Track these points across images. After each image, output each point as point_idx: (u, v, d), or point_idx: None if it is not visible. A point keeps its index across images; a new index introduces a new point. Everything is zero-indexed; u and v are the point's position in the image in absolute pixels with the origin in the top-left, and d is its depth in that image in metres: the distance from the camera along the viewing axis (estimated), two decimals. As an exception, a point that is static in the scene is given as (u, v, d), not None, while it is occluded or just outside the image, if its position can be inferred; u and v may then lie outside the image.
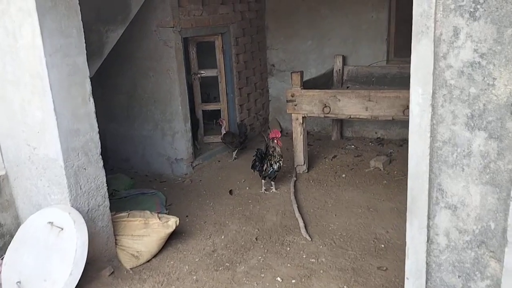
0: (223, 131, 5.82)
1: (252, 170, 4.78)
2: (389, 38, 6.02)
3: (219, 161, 5.75)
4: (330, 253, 3.55)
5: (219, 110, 6.16)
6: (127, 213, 3.66)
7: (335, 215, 4.20)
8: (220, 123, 5.90)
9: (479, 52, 1.68)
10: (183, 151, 5.22)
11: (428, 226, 1.95)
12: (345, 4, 6.04)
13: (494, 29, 1.63)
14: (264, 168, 4.69)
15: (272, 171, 4.67)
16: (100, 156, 3.24)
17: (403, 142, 6.06)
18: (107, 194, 3.33)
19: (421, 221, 1.95)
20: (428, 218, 1.94)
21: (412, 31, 1.76)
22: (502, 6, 1.59)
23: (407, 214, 2.00)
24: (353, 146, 6.10)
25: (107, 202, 3.34)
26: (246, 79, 6.24)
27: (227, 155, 5.94)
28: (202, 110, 6.13)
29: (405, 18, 5.89)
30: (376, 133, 6.36)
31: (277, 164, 4.67)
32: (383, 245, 3.64)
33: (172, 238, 3.78)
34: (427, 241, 1.96)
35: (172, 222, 3.64)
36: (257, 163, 4.71)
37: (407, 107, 4.59)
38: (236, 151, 5.75)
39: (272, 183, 4.78)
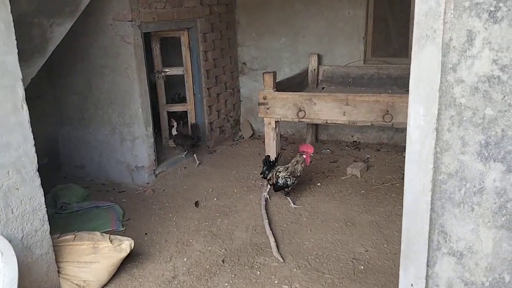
0: (174, 132, 5.37)
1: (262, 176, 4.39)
2: (366, 37, 5.69)
3: (185, 168, 5.29)
4: (304, 278, 3.18)
5: (186, 112, 5.70)
6: (74, 235, 3.18)
7: (310, 230, 3.83)
8: (172, 123, 5.45)
9: (500, 64, 1.31)
10: (145, 158, 4.74)
11: (427, 276, 1.58)
12: (321, -1, 5.67)
13: (521, 34, 1.26)
14: (268, 177, 4.26)
15: (277, 184, 4.19)
16: (37, 173, 2.74)
17: (380, 147, 5.79)
18: (46, 217, 2.83)
19: (418, 269, 1.58)
20: (427, 266, 1.57)
21: (414, 35, 1.38)
22: (533, 5, 1.22)
23: (400, 259, 1.63)
24: (328, 150, 5.76)
25: (46, 226, 2.85)
26: (215, 78, 5.79)
27: (193, 160, 5.50)
28: (168, 112, 5.65)
29: (384, 16, 5.62)
30: (352, 136, 6.04)
31: (284, 180, 4.15)
32: (362, 267, 3.29)
33: (127, 261, 3.33)
34: (426, 293, 1.59)
35: (125, 245, 3.18)
36: (265, 169, 4.29)
37: (387, 112, 4.29)
38: (186, 153, 5.34)
39: (288, 199, 4.29)
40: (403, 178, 4.69)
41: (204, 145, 5.75)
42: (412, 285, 1.61)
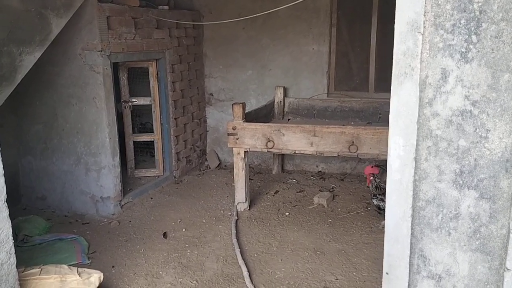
0: None
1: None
2: (329, 71, 5.93)
3: (151, 198, 5.22)
4: (278, 307, 3.19)
5: (153, 142, 5.67)
6: (39, 269, 3.06)
7: (281, 260, 3.86)
8: None
9: (471, 99, 1.44)
10: (110, 188, 4.64)
11: (408, 299, 1.65)
12: (286, 35, 5.90)
13: (489, 73, 1.40)
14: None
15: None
16: (5, 204, 2.65)
17: (344, 177, 5.95)
18: (13, 249, 2.72)
19: (399, 293, 1.65)
20: (408, 289, 1.64)
21: (393, 72, 1.50)
22: (499, 47, 1.37)
23: (382, 284, 1.70)
24: (294, 180, 5.86)
25: (12, 259, 2.72)
26: (182, 108, 5.82)
27: (161, 190, 5.44)
28: (134, 141, 5.60)
29: (346, 52, 5.91)
30: (317, 166, 6.19)
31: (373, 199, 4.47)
32: (333, 295, 3.34)
33: (95, 295, 3.22)
34: (407, 316, 1.66)
35: (94, 278, 3.09)
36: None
37: (352, 143, 4.46)
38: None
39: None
40: (367, 208, 4.85)
41: (171, 175, 5.71)
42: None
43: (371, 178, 4.46)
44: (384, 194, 4.34)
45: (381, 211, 4.42)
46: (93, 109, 4.48)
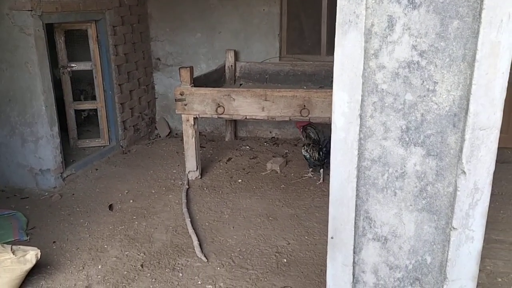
0: None
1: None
2: (281, 34, 5.76)
3: (96, 169, 4.96)
4: (229, 275, 3.11)
5: (96, 110, 5.35)
6: (-32, 249, 2.81)
7: (233, 227, 3.77)
8: None
9: (419, 49, 1.33)
10: (50, 160, 4.35)
11: (354, 263, 1.58)
12: (235, -6, 5.64)
13: (437, 20, 1.29)
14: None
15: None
16: None
17: (297, 142, 5.89)
18: None
19: (345, 257, 1.57)
20: (354, 252, 1.57)
21: (337, 20, 1.36)
22: (448, -9, 1.25)
23: (328, 247, 1.62)
24: (248, 147, 5.75)
25: None
26: (127, 74, 5.50)
27: (107, 161, 5.18)
28: (75, 110, 5.25)
29: (297, 13, 5.74)
30: (270, 132, 6.10)
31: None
32: (285, 260, 3.31)
33: (34, 273, 3.02)
34: (352, 280, 1.59)
35: (31, 255, 2.87)
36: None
37: (304, 107, 4.37)
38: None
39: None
40: (319, 172, 4.80)
41: (118, 145, 5.45)
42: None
43: (301, 130, 4.55)
44: (313, 143, 4.55)
45: (306, 160, 4.62)
46: (26, 75, 4.12)
